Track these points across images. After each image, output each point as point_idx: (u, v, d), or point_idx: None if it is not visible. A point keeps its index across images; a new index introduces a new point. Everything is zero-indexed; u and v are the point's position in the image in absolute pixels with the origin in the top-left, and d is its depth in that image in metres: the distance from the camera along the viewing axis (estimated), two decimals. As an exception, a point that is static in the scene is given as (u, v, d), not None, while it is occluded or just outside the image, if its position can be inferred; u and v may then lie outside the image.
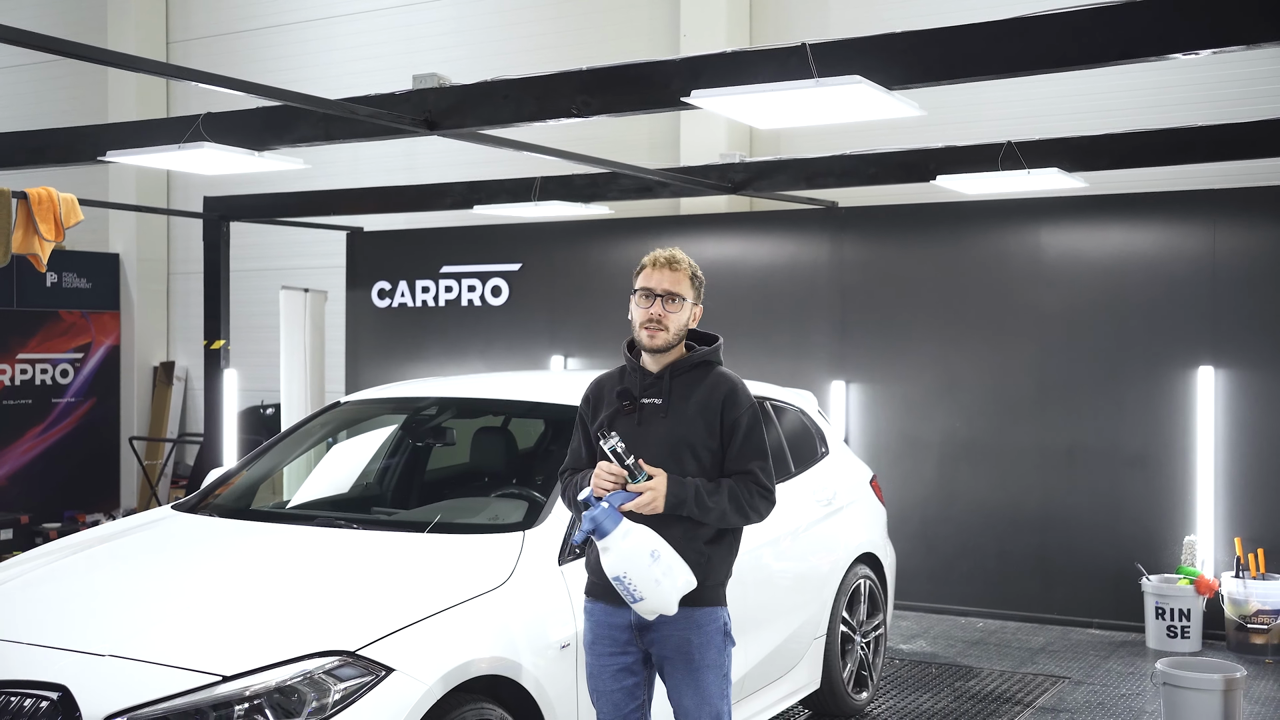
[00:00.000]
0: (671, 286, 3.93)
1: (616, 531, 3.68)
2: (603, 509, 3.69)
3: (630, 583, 3.69)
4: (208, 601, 4.03)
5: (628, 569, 3.68)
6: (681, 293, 3.94)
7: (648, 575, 3.69)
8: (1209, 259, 7.97)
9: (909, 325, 8.85)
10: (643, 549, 3.69)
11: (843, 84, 4.56)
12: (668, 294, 3.92)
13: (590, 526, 3.69)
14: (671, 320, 3.93)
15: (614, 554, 3.69)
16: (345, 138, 6.06)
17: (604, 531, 3.68)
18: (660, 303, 3.93)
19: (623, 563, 3.68)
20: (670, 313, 3.93)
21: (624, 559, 3.68)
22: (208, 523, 4.96)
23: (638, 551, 3.69)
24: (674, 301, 3.93)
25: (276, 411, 11.33)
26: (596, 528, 3.68)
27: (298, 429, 5.75)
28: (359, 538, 4.62)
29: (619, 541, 3.69)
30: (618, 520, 3.70)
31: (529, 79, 5.48)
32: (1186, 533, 7.99)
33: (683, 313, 3.95)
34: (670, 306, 3.93)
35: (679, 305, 3.93)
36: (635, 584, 3.69)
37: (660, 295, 3.93)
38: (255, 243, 11.56)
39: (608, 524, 3.68)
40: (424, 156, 11.13)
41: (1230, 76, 8.08)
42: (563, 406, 5.35)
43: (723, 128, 9.59)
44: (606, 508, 3.70)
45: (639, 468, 3.77)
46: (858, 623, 6.33)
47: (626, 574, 3.68)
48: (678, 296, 3.93)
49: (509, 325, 10.31)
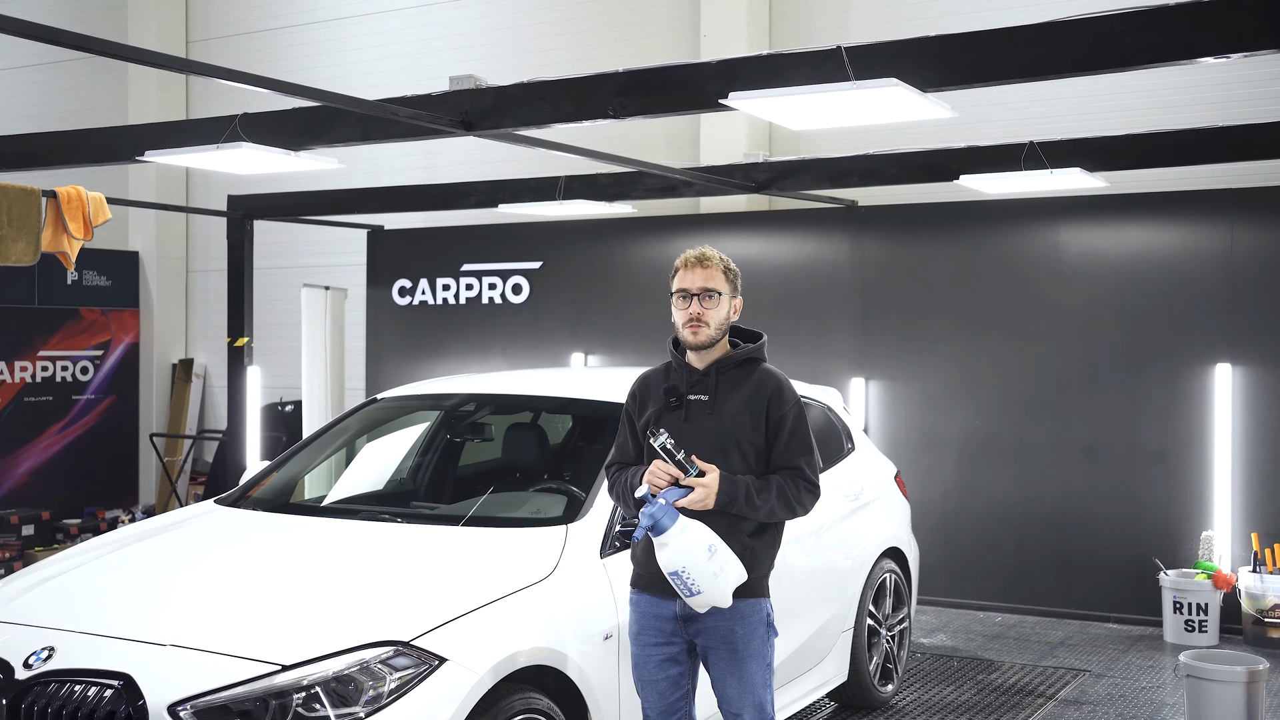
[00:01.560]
0: (705, 283, 4.04)
1: (674, 528, 3.77)
2: (660, 505, 3.78)
3: (689, 577, 3.78)
4: (262, 593, 4.12)
5: (686, 564, 3.77)
6: (716, 288, 4.04)
7: (705, 570, 3.78)
8: (1226, 258, 8.05)
9: (929, 323, 8.94)
10: (700, 544, 3.79)
11: (879, 87, 4.65)
12: (704, 291, 4.03)
13: (649, 523, 3.77)
14: (711, 316, 4.03)
15: (672, 549, 3.78)
16: (383, 138, 6.16)
17: (662, 528, 3.77)
18: (697, 301, 4.03)
19: (681, 558, 3.77)
20: (708, 309, 4.03)
21: (682, 554, 3.77)
22: (253, 517, 5.05)
23: (696, 547, 3.78)
24: (711, 298, 4.03)
25: (296, 408, 11.42)
26: (655, 524, 3.77)
27: (335, 425, 5.84)
28: (404, 531, 4.71)
29: (677, 537, 3.78)
30: (675, 517, 3.79)
31: (566, 80, 5.57)
32: (1204, 528, 8.08)
33: (721, 307, 4.05)
34: (708, 303, 4.03)
35: (716, 301, 4.04)
36: (694, 578, 3.78)
37: (696, 294, 4.04)
38: (276, 240, 11.65)
39: (666, 520, 3.77)
40: (444, 156, 11.21)
41: (1248, 77, 8.15)
42: (600, 403, 5.45)
43: (743, 127, 9.67)
44: (664, 504, 3.78)
45: (691, 463, 3.86)
46: (883, 616, 6.42)
47: (685, 569, 3.77)
48: (713, 292, 4.03)
49: (530, 323, 10.40)
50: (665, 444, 3.85)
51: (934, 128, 8.54)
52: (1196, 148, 7.02)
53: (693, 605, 3.90)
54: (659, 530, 3.77)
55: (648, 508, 3.79)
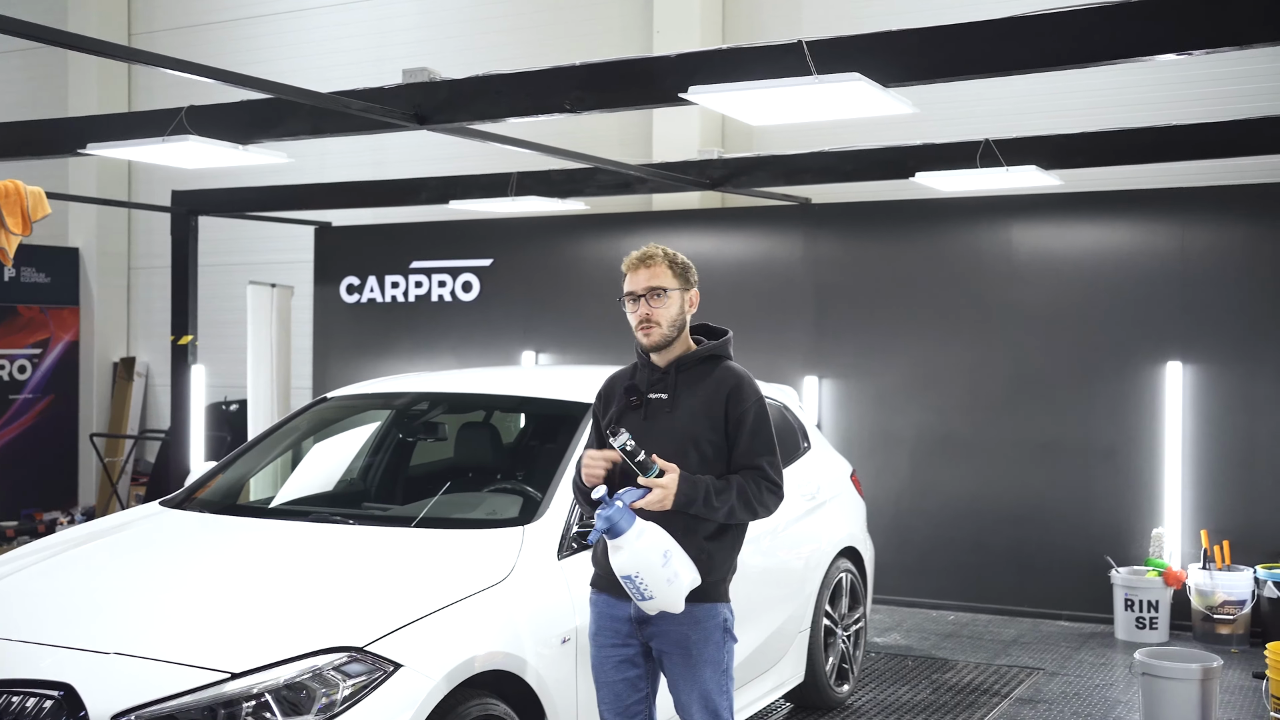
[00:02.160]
0: (650, 282, 3.95)
1: (631, 531, 3.68)
2: (617, 508, 3.68)
3: (642, 582, 3.69)
4: (210, 598, 4.00)
5: (640, 569, 3.68)
6: (662, 285, 3.94)
7: (659, 576, 3.69)
8: (1178, 257, 8.10)
9: (883, 322, 8.92)
10: (656, 549, 3.70)
11: (841, 81, 4.59)
12: (650, 290, 3.94)
13: (605, 526, 3.68)
14: (661, 314, 3.94)
15: (627, 553, 3.69)
16: (334, 132, 6.03)
17: (618, 531, 3.67)
18: (645, 302, 3.95)
19: (635, 562, 3.68)
20: (657, 308, 3.94)
21: (637, 559, 3.68)
22: (200, 519, 4.92)
23: (651, 551, 3.69)
24: (658, 296, 3.94)
25: (240, 408, 11.23)
26: (611, 527, 3.67)
27: (283, 425, 5.71)
28: (356, 533, 4.60)
29: (633, 541, 3.68)
30: (632, 519, 3.69)
31: (523, 74, 5.48)
32: (1154, 525, 8.12)
33: (671, 304, 3.96)
34: (656, 302, 3.94)
35: (664, 298, 3.94)
36: (647, 583, 3.69)
37: (643, 294, 3.95)
38: (221, 237, 11.43)
39: (623, 523, 3.67)
40: (392, 152, 11.06)
41: (1202, 76, 8.21)
42: (555, 401, 5.37)
43: (696, 123, 9.61)
44: (620, 507, 3.69)
45: (651, 463, 3.78)
46: (839, 616, 6.38)
47: (639, 573, 3.69)
48: (660, 290, 3.94)
49: (480, 321, 10.28)
50: (626, 444, 3.76)
51: (888, 125, 8.51)
52: (1153, 146, 7.03)
53: (644, 609, 3.82)
54: (615, 533, 3.68)
55: (603, 509, 3.69)
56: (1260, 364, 7.92)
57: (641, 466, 3.76)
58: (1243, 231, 8.00)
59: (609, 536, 3.70)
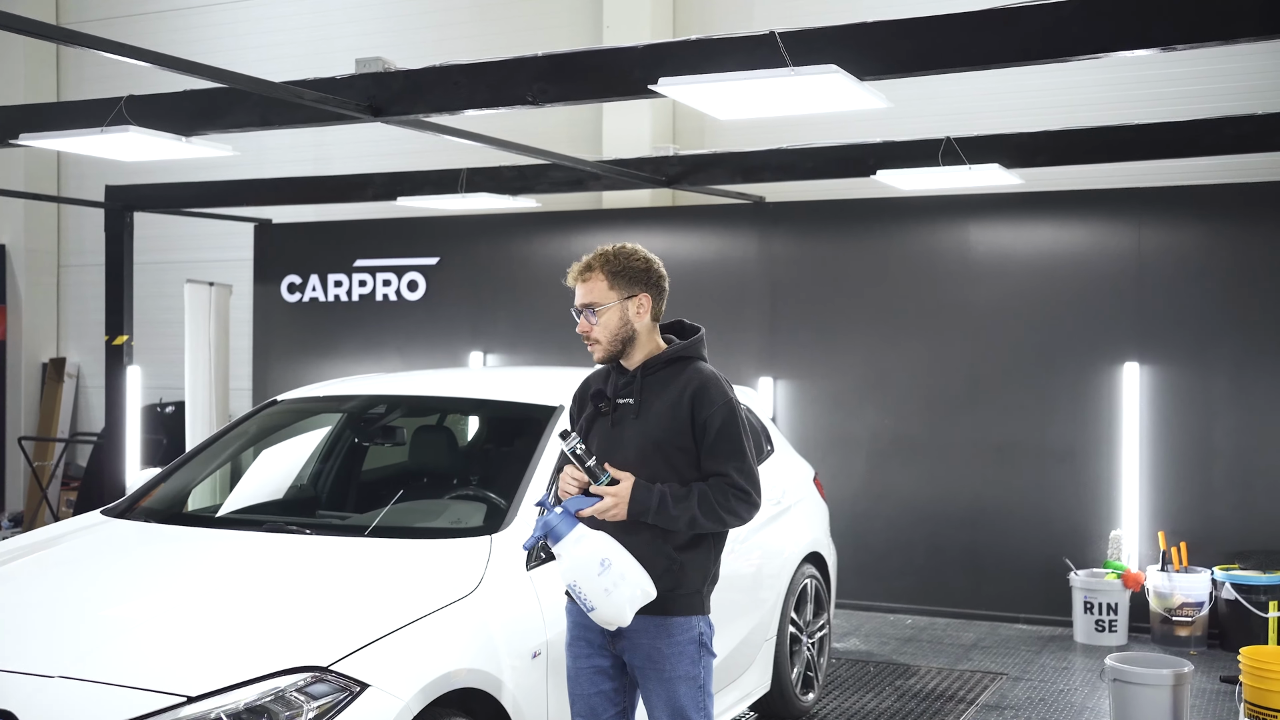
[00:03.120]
0: (586, 298, 3.79)
1: (569, 537, 3.53)
2: (556, 513, 3.53)
3: (580, 591, 3.54)
4: (162, 615, 3.76)
5: (577, 577, 3.53)
6: (597, 301, 3.76)
7: (596, 585, 3.52)
8: (1134, 257, 8.06)
9: (838, 322, 8.81)
10: (592, 558, 3.53)
11: (819, 73, 4.45)
12: (586, 307, 3.78)
13: (541, 532, 3.54)
14: (599, 331, 3.77)
15: (566, 561, 3.54)
16: (283, 124, 5.78)
17: (557, 536, 3.53)
18: (583, 318, 3.79)
19: (573, 570, 3.53)
20: (595, 323, 3.77)
21: (574, 567, 3.53)
22: (146, 529, 4.66)
23: (588, 559, 3.52)
24: (595, 311, 3.77)
25: (177, 410, 10.92)
26: (549, 532, 3.52)
27: (232, 429, 5.45)
28: (313, 544, 4.38)
29: (571, 548, 3.53)
30: (572, 525, 3.54)
31: (483, 64, 5.28)
32: (1112, 527, 8.08)
33: (609, 317, 3.77)
34: (593, 318, 3.77)
35: (600, 313, 3.77)
36: (584, 593, 3.53)
37: (581, 311, 3.80)
38: (158, 234, 11.08)
39: (561, 529, 3.53)
40: (334, 147, 10.80)
41: (1165, 76, 8.19)
42: (518, 404, 5.18)
43: (647, 119, 9.46)
44: (560, 512, 3.54)
45: (602, 470, 3.61)
46: (804, 623, 6.24)
47: (576, 582, 3.54)
48: (594, 306, 3.77)
49: (427, 321, 10.04)
50: (576, 449, 3.59)
51: (846, 123, 8.42)
52: (1117, 145, 6.98)
53: (595, 621, 3.64)
54: (554, 538, 3.53)
55: (544, 515, 3.54)
56: (1216, 364, 7.91)
57: (590, 473, 3.61)
58: (1198, 232, 7.99)
59: (549, 542, 3.55)
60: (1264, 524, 7.84)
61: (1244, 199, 7.88)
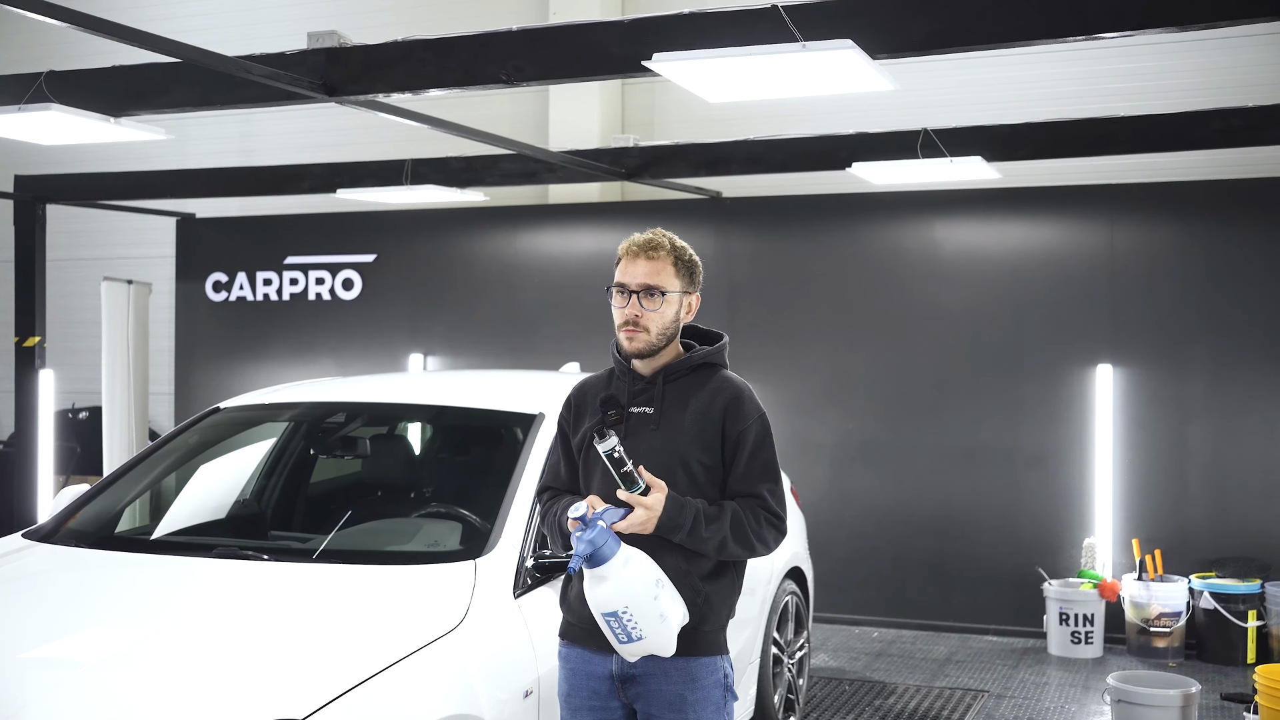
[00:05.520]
0: (649, 279, 3.28)
1: (617, 558, 3.03)
2: (601, 529, 3.02)
3: (631, 619, 3.05)
4: (103, 659, 3.25)
5: (630, 602, 3.04)
6: (662, 285, 3.28)
7: (651, 610, 3.06)
8: (1107, 255, 7.81)
9: (799, 322, 8.45)
10: (647, 577, 3.06)
11: (831, 50, 4.05)
12: (645, 289, 3.28)
13: (588, 550, 3.00)
14: (653, 320, 3.28)
15: (612, 584, 3.04)
16: (226, 104, 5.26)
17: (603, 557, 3.02)
18: (637, 300, 3.28)
19: (624, 595, 3.03)
20: (650, 310, 3.27)
21: (625, 590, 3.03)
22: (75, 556, 4.13)
23: (641, 581, 3.05)
24: (654, 297, 3.27)
25: (91, 415, 10.29)
26: (595, 552, 3.01)
27: (170, 440, 4.91)
28: (273, 571, 3.88)
29: (619, 570, 3.03)
30: (618, 543, 3.05)
31: (451, 39, 4.80)
32: (1084, 534, 7.81)
33: (667, 309, 3.29)
34: (649, 303, 3.27)
35: (660, 301, 3.28)
36: (636, 620, 3.05)
37: (636, 291, 3.28)
38: (72, 229, 10.42)
39: (608, 548, 3.02)
40: (262, 138, 10.23)
41: (1147, 69, 7.95)
42: (494, 412, 4.72)
43: (596, 109, 9.04)
44: (604, 528, 3.03)
45: (639, 476, 3.15)
46: (785, 643, 5.86)
47: (627, 608, 3.04)
48: (657, 291, 3.28)
49: (363, 321, 9.52)
50: (615, 450, 3.11)
51: (808, 114, 8.10)
52: (1101, 138, 6.69)
53: (625, 654, 3.16)
54: (598, 560, 3.02)
55: (587, 532, 3.01)
56: (1191, 366, 7.68)
57: (627, 479, 3.11)
58: (1173, 230, 7.75)
59: (589, 565, 3.03)
60: (1239, 530, 7.62)
61: (1220, 196, 7.65)
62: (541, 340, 8.93)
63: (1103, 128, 6.66)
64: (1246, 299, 7.60)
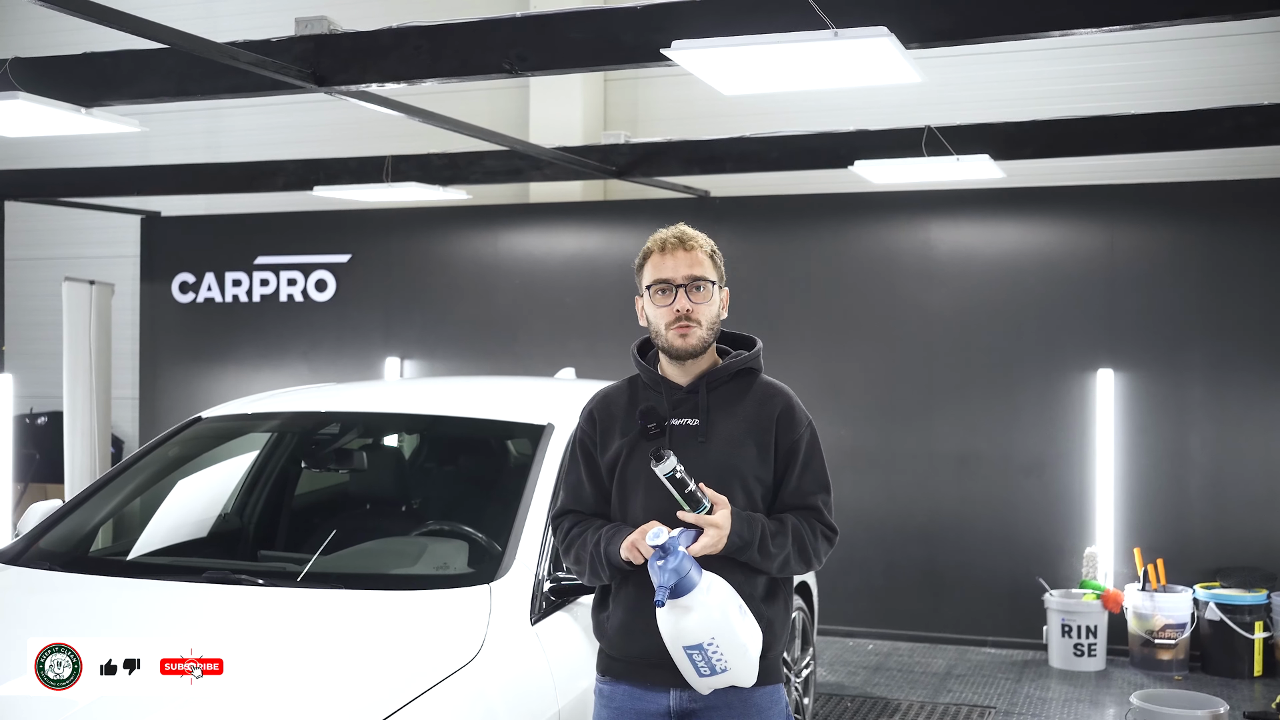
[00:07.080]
0: (693, 270, 3.09)
1: (702, 585, 2.79)
2: (684, 556, 2.77)
3: (716, 651, 2.81)
4: (95, 699, 2.94)
5: (716, 633, 2.80)
6: (705, 276, 3.10)
7: (737, 640, 2.83)
8: (1107, 257, 7.62)
9: (787, 325, 8.19)
10: (730, 604, 2.83)
11: (866, 38, 3.81)
12: (691, 281, 3.08)
13: (673, 579, 2.75)
14: (703, 312, 3.09)
15: (699, 614, 2.79)
16: (204, 93, 4.94)
17: (689, 586, 2.77)
18: (684, 294, 3.07)
19: (709, 625, 2.79)
20: (699, 303, 3.08)
21: (710, 620, 2.79)
22: (50, 580, 3.81)
23: (725, 608, 2.81)
24: (699, 289, 3.08)
25: (51, 420, 9.91)
26: (681, 580, 2.75)
27: (148, 452, 4.59)
28: (270, 598, 3.58)
29: (703, 598, 2.79)
30: (700, 569, 2.81)
31: (449, 26, 4.52)
32: (1084, 543, 7.61)
33: (713, 301, 3.11)
34: (697, 296, 3.08)
35: (707, 293, 3.09)
36: (723, 652, 2.81)
37: (682, 285, 3.07)
38: (30, 227, 10.02)
39: (693, 576, 2.77)
40: (229, 134, 9.89)
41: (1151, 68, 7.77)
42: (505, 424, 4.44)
43: (578, 105, 8.76)
44: (685, 553, 2.78)
45: (703, 495, 2.90)
46: (793, 660, 5.61)
47: (714, 639, 2.80)
48: (702, 281, 3.08)
49: (337, 324, 9.19)
50: (676, 471, 2.85)
51: (798, 112, 7.86)
52: (1108, 136, 6.48)
53: (701, 686, 2.91)
54: (683, 589, 2.76)
55: (670, 560, 2.75)
56: (1193, 371, 7.50)
57: (692, 499, 2.88)
58: (1175, 231, 7.57)
59: (673, 596, 2.77)
60: (1242, 539, 7.44)
61: (1223, 197, 7.48)
62: (521, 344, 8.65)
63: (1109, 125, 6.46)
64: (1251, 302, 7.42)
